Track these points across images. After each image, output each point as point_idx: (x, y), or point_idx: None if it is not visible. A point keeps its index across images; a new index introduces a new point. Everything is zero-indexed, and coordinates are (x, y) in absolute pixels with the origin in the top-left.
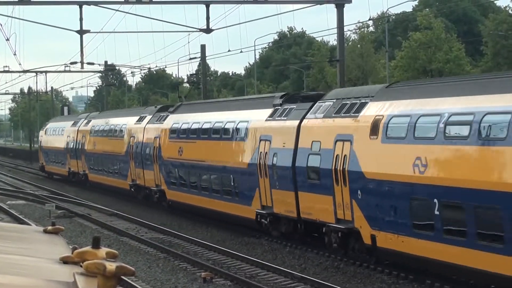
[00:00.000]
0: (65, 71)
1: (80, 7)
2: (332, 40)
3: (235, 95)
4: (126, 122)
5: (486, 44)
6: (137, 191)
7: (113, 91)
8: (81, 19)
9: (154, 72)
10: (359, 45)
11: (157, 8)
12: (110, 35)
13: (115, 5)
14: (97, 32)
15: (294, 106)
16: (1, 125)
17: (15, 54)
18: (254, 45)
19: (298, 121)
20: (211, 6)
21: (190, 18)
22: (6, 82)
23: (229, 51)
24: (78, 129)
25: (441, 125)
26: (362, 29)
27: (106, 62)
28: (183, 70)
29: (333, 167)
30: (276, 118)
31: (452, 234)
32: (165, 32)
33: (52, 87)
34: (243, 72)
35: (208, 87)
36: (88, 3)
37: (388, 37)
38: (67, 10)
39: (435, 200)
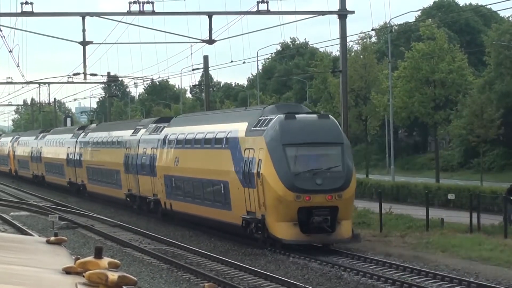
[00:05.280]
0: (68, 82)
1: (83, 19)
2: (335, 50)
3: (238, 105)
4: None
5: (489, 54)
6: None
7: (116, 102)
8: (84, 30)
9: (157, 83)
10: (361, 56)
11: (160, 19)
12: (113, 46)
13: (117, 16)
14: (100, 43)
15: None
16: None
17: (18, 66)
18: (257, 56)
19: None
20: (214, 17)
21: (193, 29)
22: (9, 94)
23: (232, 62)
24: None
25: None
26: (365, 40)
27: (109, 73)
28: (186, 81)
29: None
30: None
31: None
32: (168, 43)
33: (55, 98)
34: (246, 83)
35: (211, 98)
36: (91, 14)
37: (391, 47)
38: (70, 22)
39: None
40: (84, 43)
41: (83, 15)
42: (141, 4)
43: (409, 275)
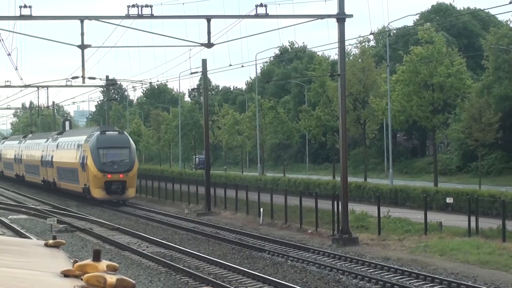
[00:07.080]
0: (66, 86)
1: (81, 22)
2: (333, 54)
3: (237, 109)
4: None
5: (487, 58)
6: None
7: (114, 106)
8: (82, 34)
9: (156, 87)
10: (360, 60)
11: (158, 22)
12: (112, 50)
13: (116, 20)
14: (99, 47)
15: None
16: None
17: (16, 69)
18: (256, 60)
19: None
20: (212, 21)
21: (192, 32)
22: (8, 97)
23: (230, 65)
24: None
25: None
26: (363, 44)
27: (107, 76)
28: (185, 84)
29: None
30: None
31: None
32: (167, 47)
33: (53, 102)
34: (244, 87)
35: (209, 101)
36: (89, 18)
37: (389, 51)
38: (68, 25)
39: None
40: (82, 47)
41: (82, 19)
42: (140, 8)
43: (407, 279)
